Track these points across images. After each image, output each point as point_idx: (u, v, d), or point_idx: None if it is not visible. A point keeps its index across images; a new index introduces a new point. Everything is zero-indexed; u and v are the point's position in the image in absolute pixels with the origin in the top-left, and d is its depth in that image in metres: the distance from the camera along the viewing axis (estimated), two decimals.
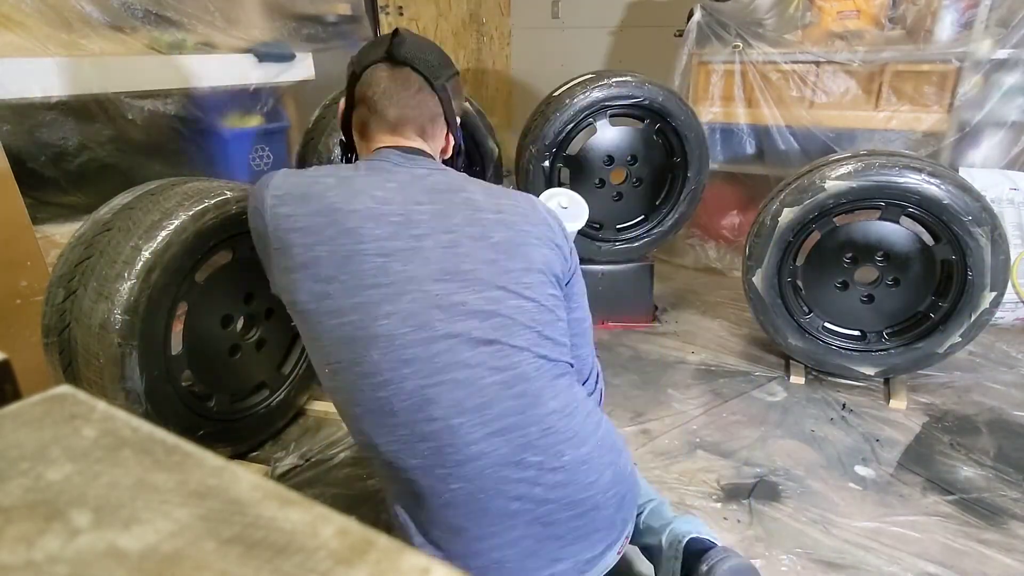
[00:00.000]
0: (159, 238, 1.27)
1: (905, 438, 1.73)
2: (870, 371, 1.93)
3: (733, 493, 1.52)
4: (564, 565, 0.96)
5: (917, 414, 1.84)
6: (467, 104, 2.06)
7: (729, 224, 2.96)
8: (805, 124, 2.64)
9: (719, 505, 1.48)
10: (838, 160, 1.85)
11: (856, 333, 1.97)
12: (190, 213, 1.32)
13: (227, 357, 1.56)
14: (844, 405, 1.88)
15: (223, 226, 1.38)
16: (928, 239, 1.83)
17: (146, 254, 1.25)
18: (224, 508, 0.29)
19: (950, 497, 1.51)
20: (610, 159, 2.26)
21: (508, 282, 0.96)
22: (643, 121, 2.24)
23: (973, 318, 1.79)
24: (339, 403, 1.00)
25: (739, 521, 1.43)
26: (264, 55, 2.28)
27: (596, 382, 1.16)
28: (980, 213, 1.70)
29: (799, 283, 1.96)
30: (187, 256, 1.32)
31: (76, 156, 1.88)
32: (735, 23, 2.67)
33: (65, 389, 0.37)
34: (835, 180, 1.78)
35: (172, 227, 1.29)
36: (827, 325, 1.98)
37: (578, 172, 2.26)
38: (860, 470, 1.60)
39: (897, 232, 1.83)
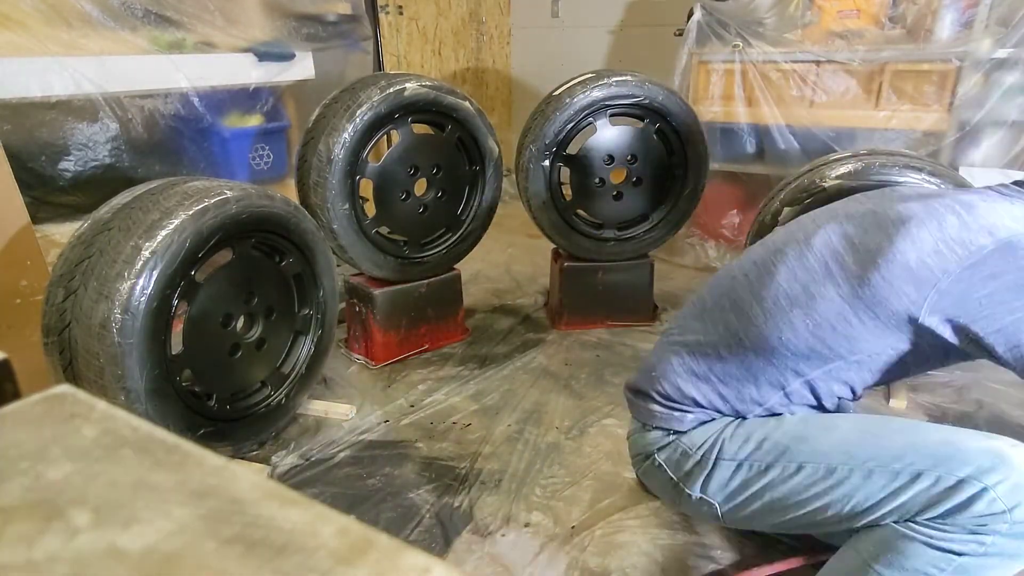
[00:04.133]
0: (159, 237, 1.27)
1: None
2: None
3: None
4: None
5: (917, 413, 1.84)
6: (467, 103, 2.06)
7: (729, 224, 2.96)
8: (805, 124, 2.64)
9: None
10: (838, 159, 1.85)
11: None
12: (190, 213, 1.32)
13: (227, 357, 1.56)
14: None
15: (223, 226, 1.38)
16: None
17: (146, 253, 1.25)
18: (224, 508, 0.29)
19: None
20: (610, 158, 2.26)
21: None
22: (643, 120, 2.24)
23: None
24: None
25: None
26: (264, 54, 2.28)
27: None
28: None
29: None
30: (187, 255, 1.32)
31: (76, 156, 1.88)
32: (735, 22, 2.67)
33: (65, 388, 0.37)
34: (835, 179, 1.78)
35: (172, 226, 1.29)
36: None
37: (578, 171, 2.26)
38: None
39: None
